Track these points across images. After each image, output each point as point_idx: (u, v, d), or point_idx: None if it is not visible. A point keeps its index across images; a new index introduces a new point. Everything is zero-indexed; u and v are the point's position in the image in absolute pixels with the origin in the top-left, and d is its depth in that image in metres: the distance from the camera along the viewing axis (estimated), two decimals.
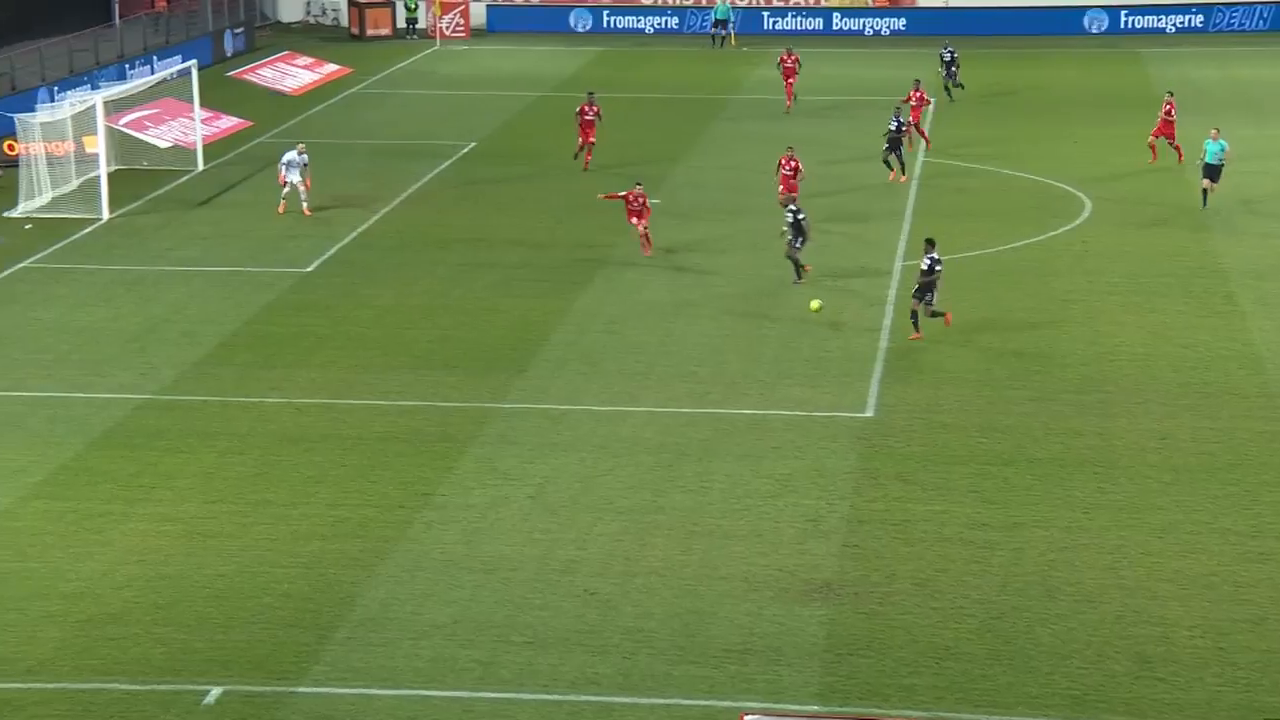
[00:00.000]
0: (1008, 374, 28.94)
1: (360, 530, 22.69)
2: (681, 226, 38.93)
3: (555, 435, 26.16)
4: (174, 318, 32.10)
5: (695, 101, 55.21)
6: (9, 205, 40.16)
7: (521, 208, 41.08)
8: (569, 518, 23.10)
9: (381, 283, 34.54)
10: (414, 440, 25.90)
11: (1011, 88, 58.01)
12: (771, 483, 24.28)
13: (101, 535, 22.49)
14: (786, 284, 34.14)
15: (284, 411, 27.12)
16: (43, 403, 27.48)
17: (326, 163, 45.75)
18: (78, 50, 55.69)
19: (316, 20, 73.88)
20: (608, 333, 31.16)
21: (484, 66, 63.07)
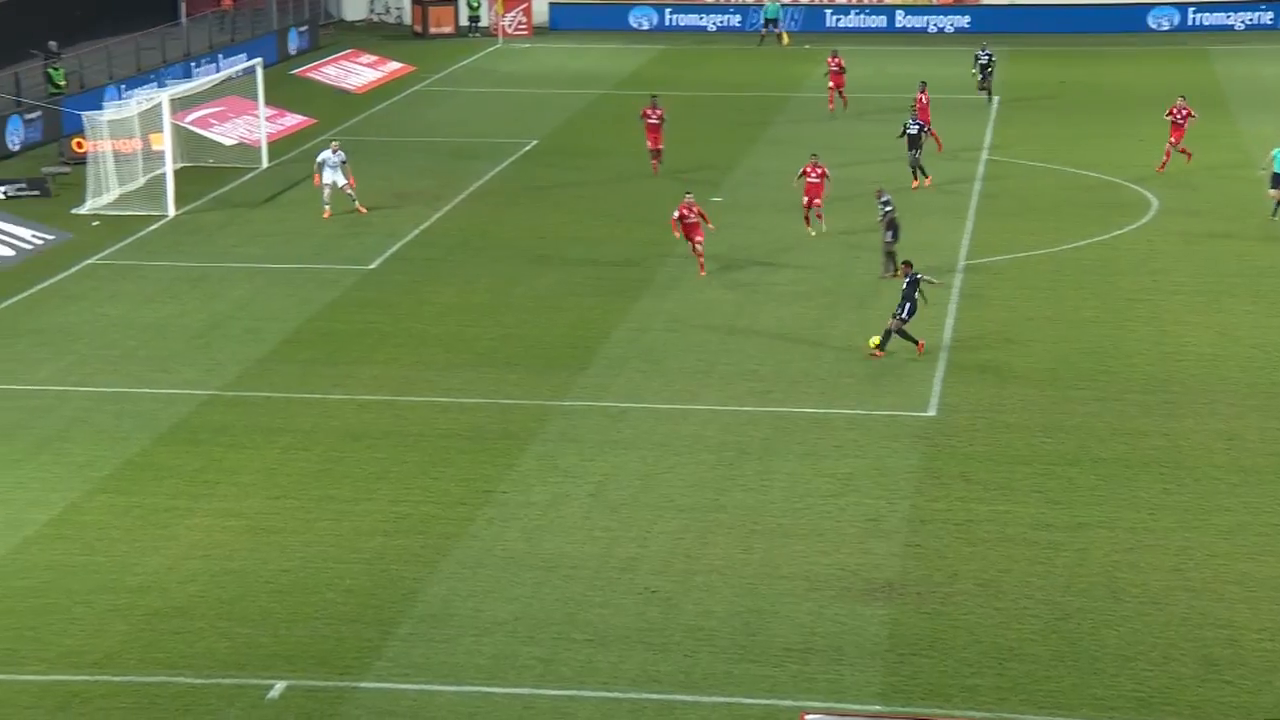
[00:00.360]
0: (1072, 374, 28.70)
1: (422, 527, 22.77)
2: (743, 224, 38.84)
3: (616, 433, 26.16)
4: (238, 314, 32.33)
5: (756, 99, 55.09)
6: (77, 202, 40.55)
7: (583, 206, 41.13)
8: (630, 515, 23.10)
9: (444, 280, 34.66)
10: (476, 437, 25.97)
11: (1076, 86, 57.54)
12: (833, 481, 24.19)
13: (167, 530, 22.67)
14: (849, 280, 34.01)
15: (347, 408, 27.26)
16: (109, 398, 27.74)
17: (389, 160, 46.00)
18: (145, 49, 56.23)
19: (380, 18, 74.22)
20: (669, 330, 31.14)
21: (546, 64, 63.19)
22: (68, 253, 36.79)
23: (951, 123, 50.74)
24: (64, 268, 35.56)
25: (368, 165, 45.34)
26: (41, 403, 27.50)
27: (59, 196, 41.40)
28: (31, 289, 34.02)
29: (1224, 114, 51.76)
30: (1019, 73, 60.22)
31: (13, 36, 53.02)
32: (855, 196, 39.63)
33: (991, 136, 48.83)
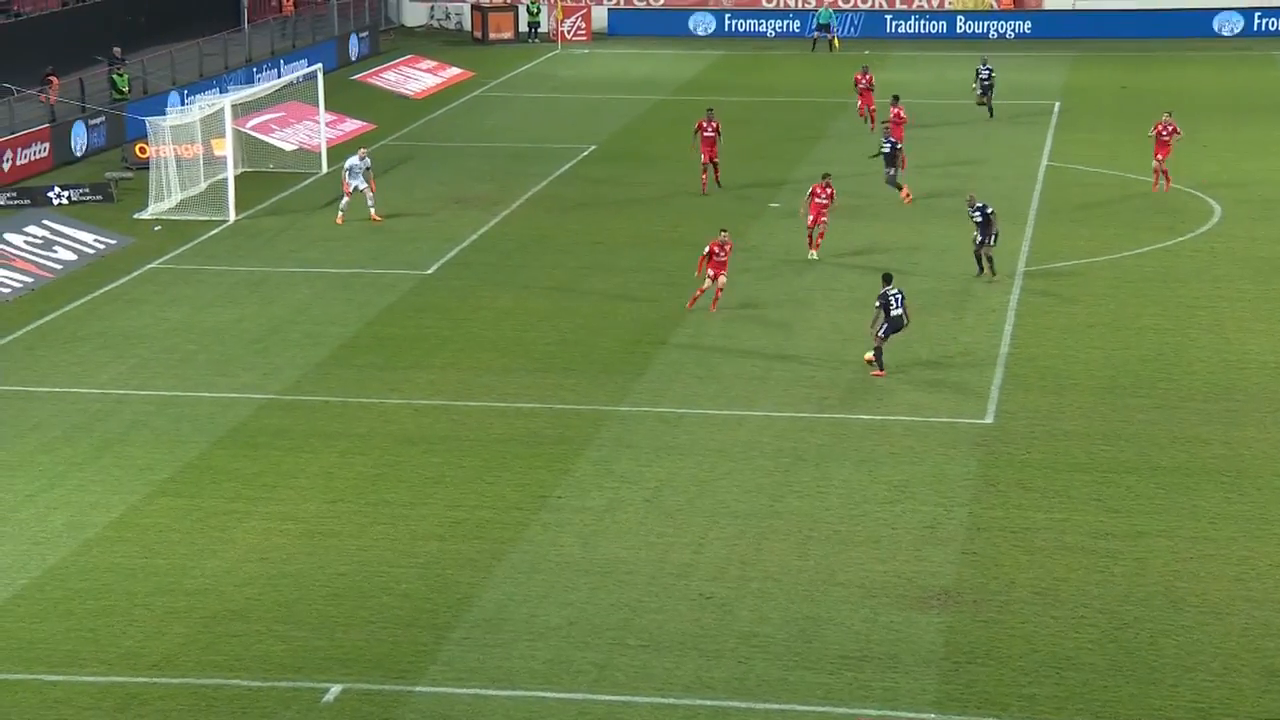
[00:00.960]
0: (1131, 381, 28.48)
1: (478, 531, 22.85)
2: (800, 229, 38.75)
3: (672, 439, 26.17)
4: (297, 319, 32.55)
5: (815, 105, 54.98)
6: (139, 207, 40.95)
7: (640, 210, 41.16)
8: (685, 521, 23.10)
9: (501, 285, 34.78)
10: (532, 442, 26.04)
11: (1138, 91, 57.11)
12: (889, 488, 24.10)
13: (225, 533, 22.85)
14: (907, 285, 33.81)
15: (403, 413, 27.40)
16: (170, 402, 27.99)
17: (447, 166, 46.21)
18: (207, 54, 56.73)
19: (440, 24, 74.59)
20: (724, 337, 31.12)
21: (605, 70, 63.30)
22: (130, 257, 37.16)
23: (1011, 129, 50.53)
24: (126, 272, 35.92)
25: (426, 171, 45.61)
26: (103, 406, 27.78)
27: (122, 201, 41.81)
28: (94, 293, 34.38)
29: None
30: (1080, 78, 59.85)
31: (77, 43, 53.66)
32: (928, 200, 39.44)
33: (1051, 142, 48.53)
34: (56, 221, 38.95)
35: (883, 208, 40.40)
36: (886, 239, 37.46)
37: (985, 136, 49.47)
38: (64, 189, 41.82)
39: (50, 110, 48.06)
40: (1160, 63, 62.89)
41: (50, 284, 35.13)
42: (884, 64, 63.51)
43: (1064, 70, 61.54)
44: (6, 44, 51.10)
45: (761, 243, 37.80)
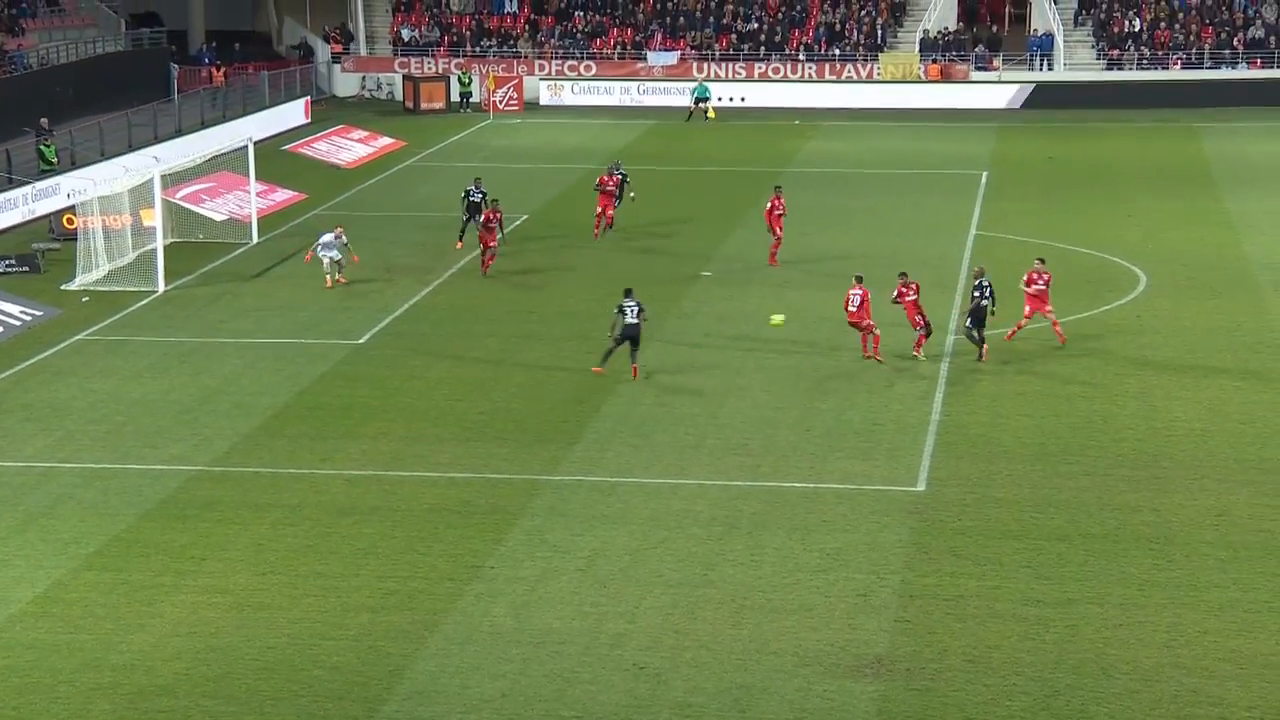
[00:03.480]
0: (1061, 448, 28.77)
1: (409, 603, 22.72)
2: (733, 297, 39.02)
3: (605, 508, 26.16)
4: (227, 389, 32.36)
5: (748, 174, 55.46)
6: (67, 278, 40.65)
7: (572, 280, 41.27)
8: (619, 591, 23.07)
9: (433, 355, 34.74)
10: (464, 512, 25.96)
11: (1065, 161, 58.01)
12: (822, 557, 24.18)
13: (152, 607, 22.59)
14: (838, 355, 34.11)
15: (335, 483, 27.26)
16: (97, 474, 27.71)
17: (379, 235, 46.19)
18: (137, 125, 56.58)
19: (371, 94, 74.81)
20: (658, 405, 31.20)
21: (537, 139, 63.63)
22: (57, 328, 36.86)
23: (939, 198, 51.16)
24: (53, 343, 35.62)
25: (358, 240, 45.43)
26: (28, 479, 27.47)
27: (49, 272, 41.52)
28: (20, 365, 34.06)
29: (1210, 190, 52.21)
30: (1008, 149, 60.73)
31: (4, 114, 53.40)
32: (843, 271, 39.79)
33: (980, 211, 49.16)
34: None
35: (818, 275, 40.71)
36: (817, 307, 37.71)
37: (915, 205, 50.04)
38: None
39: None
40: (1084, 133, 63.91)
41: None
42: (815, 133, 64.23)
43: (991, 140, 62.43)
44: None
45: (695, 310, 38.00)
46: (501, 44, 75.55)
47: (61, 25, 65.95)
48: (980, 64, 72.22)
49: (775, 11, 75.95)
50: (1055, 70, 72.13)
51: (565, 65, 73.83)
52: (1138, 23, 73.50)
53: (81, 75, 61.25)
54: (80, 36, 65.25)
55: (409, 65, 74.41)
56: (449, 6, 77.79)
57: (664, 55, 73.58)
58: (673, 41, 74.83)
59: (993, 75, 71.67)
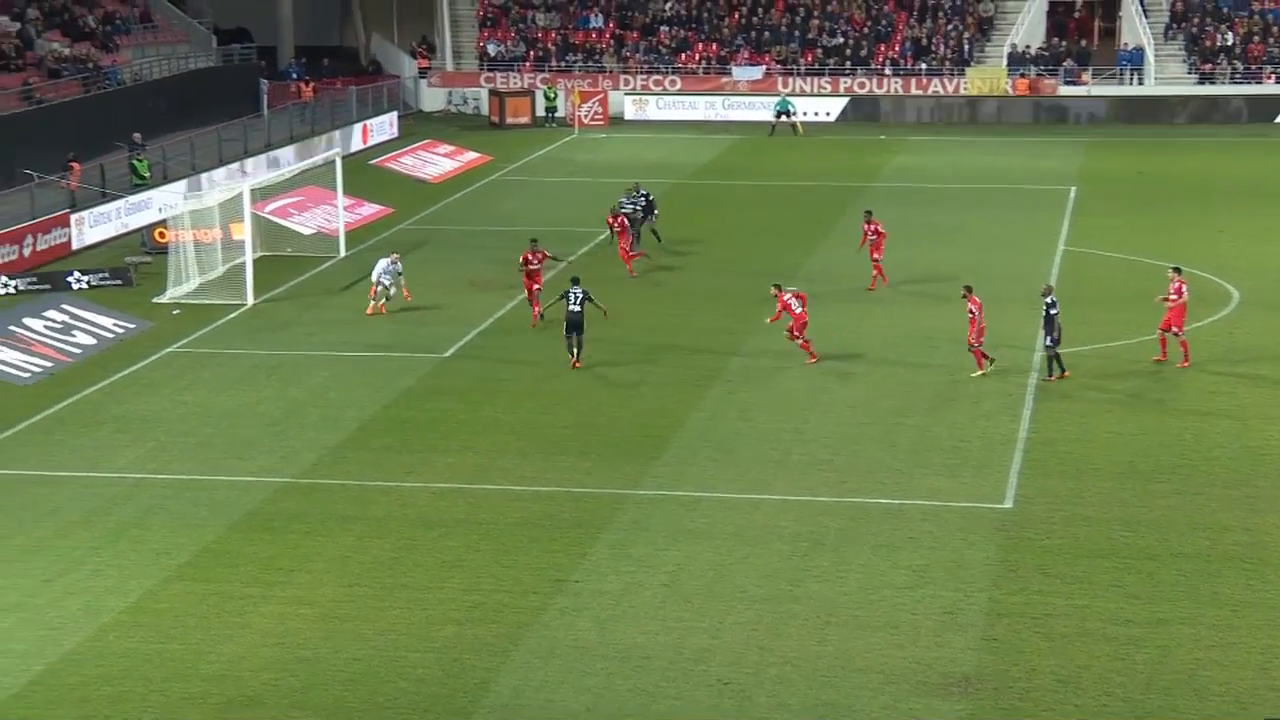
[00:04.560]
0: (1152, 466, 28.42)
1: (494, 616, 22.80)
2: (817, 313, 38.86)
3: (689, 522, 26.13)
4: (314, 402, 32.64)
5: (833, 189, 55.29)
6: (158, 291, 41.18)
7: (657, 294, 41.30)
8: (702, 606, 23.03)
9: (518, 368, 34.88)
10: (549, 526, 26.02)
11: (1156, 175, 57.38)
12: (908, 573, 24.02)
13: (241, 617, 22.81)
14: (923, 371, 33.91)
15: (420, 496, 27.41)
16: (186, 485, 28.03)
17: (464, 249, 46.47)
18: (227, 140, 57.29)
19: (458, 109, 75.33)
20: (742, 420, 31.14)
21: (621, 154, 63.76)
22: (148, 341, 37.34)
23: (1027, 213, 50.76)
24: (144, 356, 36.08)
25: (444, 254, 45.87)
26: (121, 489, 27.84)
27: (141, 286, 42.07)
28: (113, 377, 34.53)
29: None
30: (1097, 163, 60.17)
31: (98, 129, 54.24)
32: (947, 285, 39.56)
33: (1068, 227, 48.73)
34: (76, 306, 39.21)
35: (904, 291, 40.52)
36: (905, 324, 37.53)
37: (1002, 220, 49.69)
38: (84, 274, 42.08)
39: (71, 196, 48.50)
40: (1175, 148, 63.19)
41: (69, 368, 35.30)
42: (901, 148, 63.96)
43: (1080, 155, 61.88)
44: (30, 131, 51.68)
45: (778, 325, 37.89)
46: (587, 59, 75.83)
47: (155, 42, 66.88)
48: (1069, 78, 71.62)
49: (861, 26, 75.72)
50: (1146, 84, 71.41)
51: (650, 80, 73.97)
52: (1230, 36, 72.61)
53: (174, 91, 62.10)
54: (173, 53, 66.17)
55: (495, 80, 74.87)
56: (535, 21, 78.21)
57: (749, 70, 73.55)
58: (758, 56, 74.80)
59: (1082, 89, 71.05)
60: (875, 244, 40.62)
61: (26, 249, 44.16)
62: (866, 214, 41.46)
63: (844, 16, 76.12)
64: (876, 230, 40.74)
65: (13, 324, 37.36)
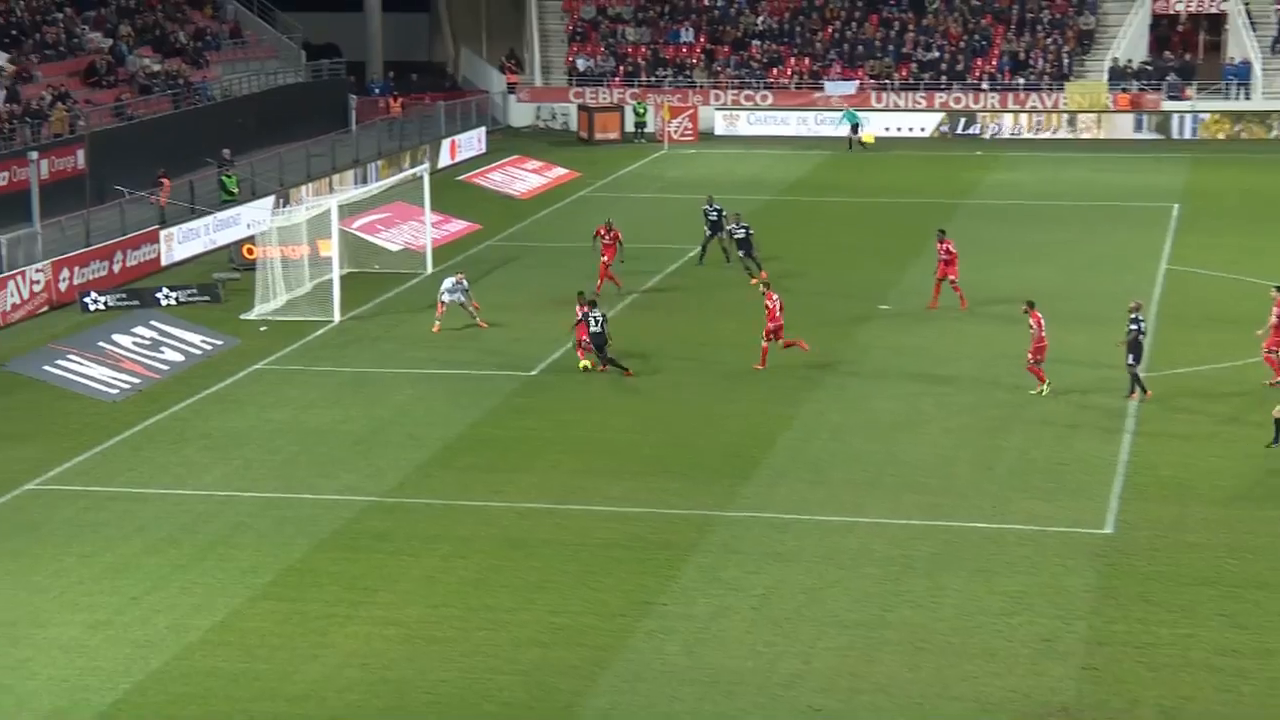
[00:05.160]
0: (1260, 491, 27.93)
1: (581, 638, 22.77)
2: (910, 332, 38.62)
3: (780, 545, 26.00)
4: (400, 420, 32.82)
5: (926, 205, 54.96)
6: (245, 308, 41.61)
7: (747, 311, 41.15)
8: (793, 630, 22.89)
9: (605, 387, 34.88)
10: (636, 547, 25.98)
11: (1262, 193, 56.54)
12: (1005, 600, 23.74)
13: (325, 637, 22.94)
14: (1020, 392, 33.57)
15: (506, 516, 27.47)
16: (273, 503, 28.27)
17: (552, 267, 46.61)
18: (315, 156, 57.87)
19: (546, 124, 75.67)
20: (834, 440, 30.96)
21: (712, 170, 63.72)
22: (235, 358, 37.73)
23: (1129, 231, 50.17)
24: (231, 373, 36.46)
25: (531, 271, 46.03)
26: (208, 507, 28.12)
27: (228, 302, 42.54)
28: (201, 393, 34.92)
29: None
30: (1203, 179, 59.40)
31: (188, 145, 55.00)
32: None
33: (1171, 245, 48.12)
34: (164, 322, 39.71)
35: (999, 311, 40.18)
36: (999, 344, 37.19)
37: (1104, 239, 49.15)
38: (172, 290, 42.63)
39: (161, 212, 49.19)
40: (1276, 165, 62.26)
41: (157, 385, 35.74)
42: (997, 164, 63.48)
43: (1184, 171, 61.13)
44: (121, 146, 52.48)
45: (871, 344, 37.70)
46: (677, 73, 75.92)
47: (244, 57, 67.74)
48: (1173, 93, 70.78)
49: (957, 40, 75.27)
50: (1253, 99, 70.41)
51: (741, 95, 73.94)
52: None
53: (263, 107, 62.84)
54: (262, 68, 66.99)
55: (583, 95, 75.14)
56: (624, 36, 78.43)
57: (842, 85, 73.33)
58: (851, 71, 74.55)
59: (1186, 105, 70.19)
60: (947, 264, 40.28)
61: (116, 265, 44.81)
62: (939, 233, 41.09)
63: (940, 30, 75.70)
64: (949, 250, 40.39)
65: (102, 340, 37.90)
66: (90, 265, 43.91)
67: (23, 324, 40.77)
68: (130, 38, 61.54)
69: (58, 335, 39.16)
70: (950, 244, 40.48)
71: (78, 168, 49.29)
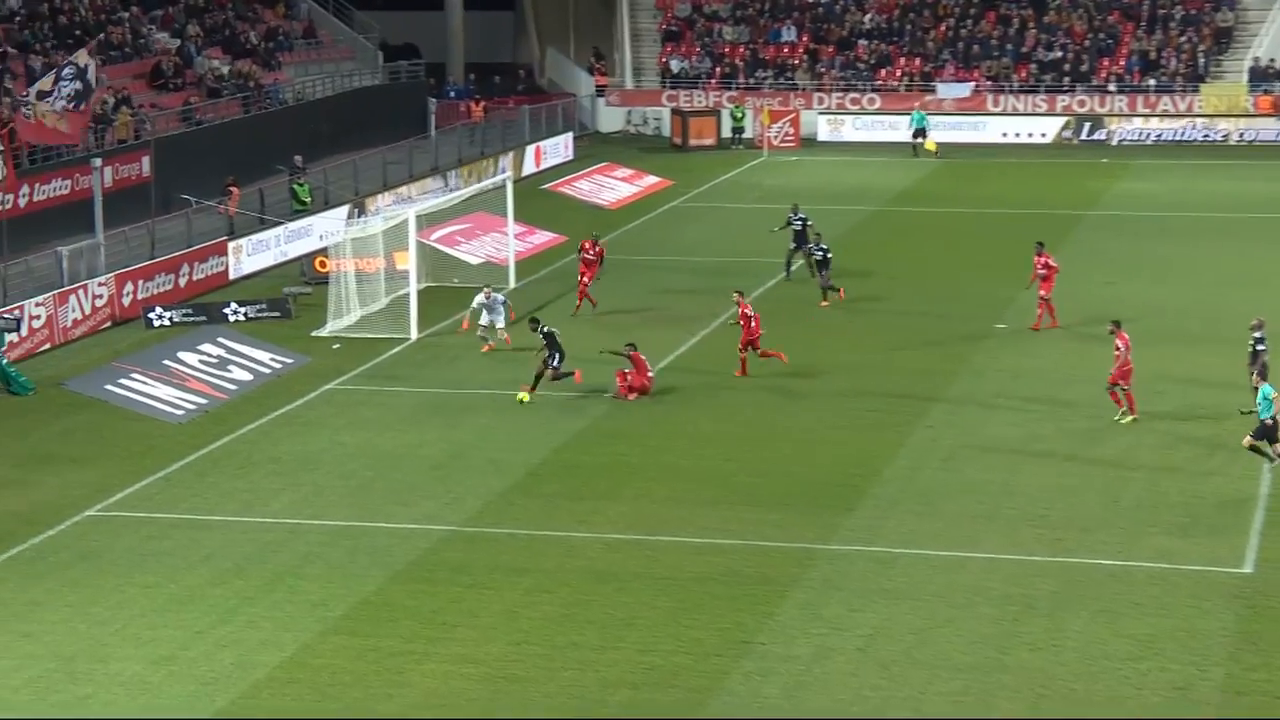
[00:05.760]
0: None
1: (673, 679, 22.74)
2: (1029, 353, 38.32)
3: (887, 581, 25.86)
4: (481, 444, 32.98)
5: (1047, 217, 54.55)
6: (317, 324, 41.97)
7: (852, 331, 41.06)
8: (902, 673, 22.74)
9: (700, 410, 34.88)
10: (732, 582, 25.93)
11: None
12: (1133, 643, 23.47)
13: (401, 675, 23.05)
14: (1149, 418, 33.17)
15: (593, 547, 27.51)
16: (345, 532, 28.48)
17: (643, 281, 46.69)
18: (392, 163, 58.37)
19: (637, 130, 75.90)
20: (946, 470, 30.77)
21: (814, 178, 63.66)
22: (306, 377, 38.08)
23: (1267, 246, 49.50)
24: (302, 393, 36.80)
25: (620, 286, 46.13)
26: (276, 535, 28.37)
27: (300, 318, 42.96)
28: (269, 415, 35.26)
29: None
30: None
31: (258, 151, 55.57)
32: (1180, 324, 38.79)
33: None
34: (232, 339, 40.15)
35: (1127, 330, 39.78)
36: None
37: (1241, 254, 48.56)
38: (240, 305, 43.09)
39: (229, 222, 49.77)
40: None
41: (224, 405, 36.14)
42: (1124, 172, 62.94)
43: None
44: (188, 153, 53.09)
45: (986, 366, 37.45)
46: (778, 75, 75.93)
47: (318, 59, 68.43)
48: None
49: (1082, 38, 74.73)
50: None
51: (847, 98, 73.81)
52: None
53: (337, 110, 63.45)
54: (337, 70, 67.64)
55: (677, 99, 75.29)
56: (722, 35, 78.53)
57: (956, 87, 72.97)
58: (966, 72, 74.21)
59: None
60: (1045, 279, 39.95)
61: (183, 278, 45.40)
62: (1038, 246, 40.73)
63: (1063, 28, 75.18)
64: (1047, 264, 40.11)
65: (167, 358, 38.39)
66: (155, 279, 44.53)
67: (84, 340, 41.40)
68: (199, 38, 62.38)
69: (120, 353, 39.74)
70: (1049, 258, 40.21)
71: (142, 175, 50.00)
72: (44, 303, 40.50)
